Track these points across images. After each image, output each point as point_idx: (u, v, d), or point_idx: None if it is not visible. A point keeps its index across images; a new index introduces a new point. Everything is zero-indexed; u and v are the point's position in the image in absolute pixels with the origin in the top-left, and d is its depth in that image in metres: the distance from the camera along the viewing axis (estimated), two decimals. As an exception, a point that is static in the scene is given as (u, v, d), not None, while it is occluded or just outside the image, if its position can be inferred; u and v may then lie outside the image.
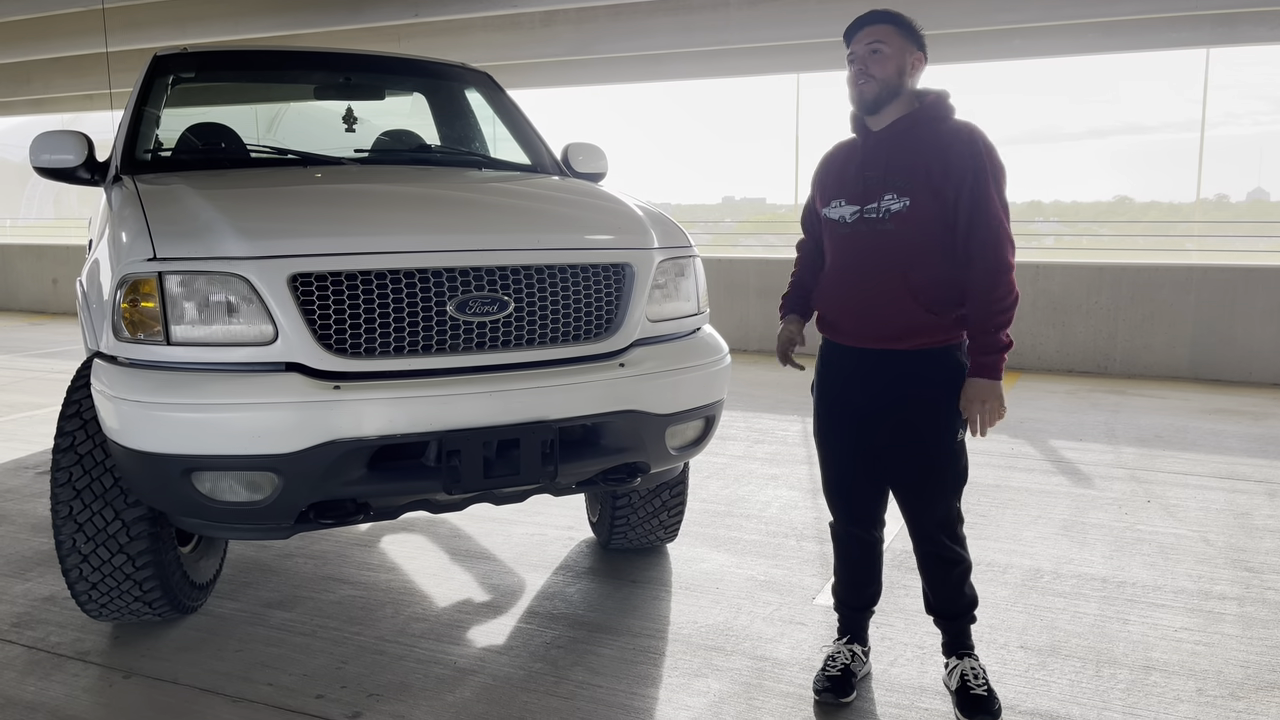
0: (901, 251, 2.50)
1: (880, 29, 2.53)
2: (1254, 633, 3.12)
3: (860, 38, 2.54)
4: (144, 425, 2.55)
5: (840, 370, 2.68)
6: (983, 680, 2.64)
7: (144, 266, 2.59)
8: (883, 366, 2.58)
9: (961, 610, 2.71)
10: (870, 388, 2.60)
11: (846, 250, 2.60)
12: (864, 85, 2.53)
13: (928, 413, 2.57)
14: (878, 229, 2.51)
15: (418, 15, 8.03)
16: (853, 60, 2.56)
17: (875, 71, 2.51)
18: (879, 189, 2.52)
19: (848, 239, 2.59)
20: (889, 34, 2.52)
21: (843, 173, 2.63)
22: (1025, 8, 7.64)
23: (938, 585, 2.70)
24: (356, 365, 2.60)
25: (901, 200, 2.48)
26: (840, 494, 2.78)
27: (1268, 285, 7.67)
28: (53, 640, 3.10)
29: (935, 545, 2.66)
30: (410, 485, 2.68)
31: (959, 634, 2.72)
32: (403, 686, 2.79)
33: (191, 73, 4.08)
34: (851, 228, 2.57)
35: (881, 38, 2.52)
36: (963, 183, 2.44)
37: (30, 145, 3.60)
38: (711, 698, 2.73)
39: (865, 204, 2.54)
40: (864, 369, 2.61)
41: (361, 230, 2.69)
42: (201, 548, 3.29)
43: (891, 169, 2.51)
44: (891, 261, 2.51)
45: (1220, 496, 4.60)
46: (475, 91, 4.49)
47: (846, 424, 2.70)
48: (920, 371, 2.55)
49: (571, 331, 2.87)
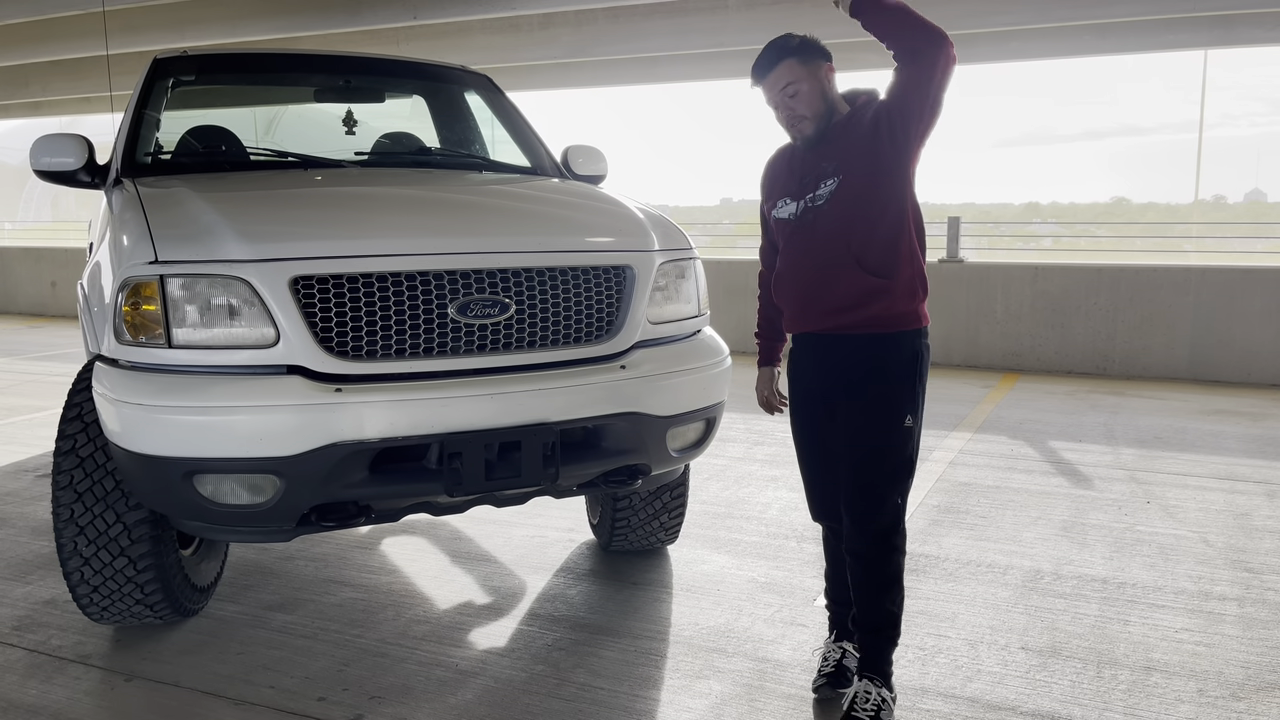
0: (840, 224, 2.52)
1: (784, 68, 2.49)
2: (1254, 633, 3.13)
3: (768, 85, 2.52)
4: (146, 428, 2.55)
5: (802, 361, 2.70)
6: (871, 706, 2.53)
7: (145, 270, 2.59)
8: (837, 352, 2.58)
9: (873, 625, 2.59)
10: (829, 373, 2.61)
11: (795, 240, 2.61)
12: (801, 126, 2.53)
13: (880, 398, 2.54)
14: (819, 213, 2.55)
15: (416, 18, 8.03)
16: (775, 107, 2.55)
17: (804, 111, 2.51)
18: (816, 179, 2.55)
19: (795, 231, 2.60)
20: (794, 69, 2.49)
21: (787, 175, 2.66)
22: (1021, 10, 7.66)
23: (858, 587, 2.61)
24: (358, 368, 2.60)
25: (836, 179, 2.51)
26: (809, 488, 2.79)
27: (1266, 286, 7.69)
28: (54, 643, 3.10)
29: (853, 541, 2.58)
30: (412, 488, 2.68)
31: (873, 650, 2.60)
32: (405, 689, 2.79)
33: (191, 75, 4.09)
34: (798, 219, 2.59)
35: (790, 77, 2.49)
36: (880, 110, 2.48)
37: (30, 148, 3.60)
38: (713, 699, 2.73)
39: (806, 195, 2.57)
40: (822, 355, 2.61)
41: (363, 233, 2.70)
42: (202, 550, 3.29)
43: (826, 159, 2.54)
44: (833, 234, 2.53)
45: (1219, 497, 4.61)
46: (475, 94, 4.50)
47: (809, 415, 2.71)
48: (873, 354, 2.54)
49: (572, 334, 2.87)
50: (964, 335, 8.52)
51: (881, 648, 2.61)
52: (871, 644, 2.61)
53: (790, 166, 2.66)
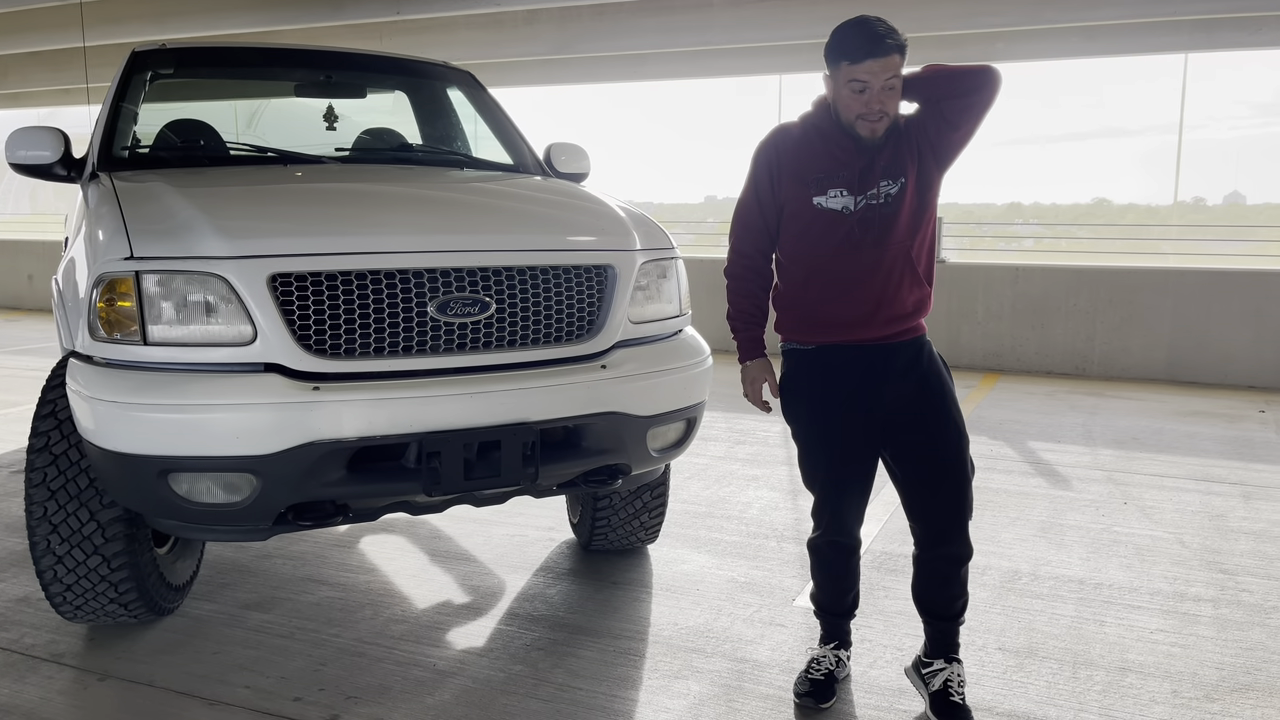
0: (905, 230, 2.54)
1: (895, 61, 2.42)
2: (1229, 634, 3.15)
3: (873, 69, 2.40)
4: (120, 426, 2.52)
5: (838, 374, 2.59)
6: (963, 689, 2.63)
7: (121, 266, 2.56)
8: (887, 361, 2.58)
9: (960, 610, 2.68)
10: (880, 384, 2.57)
11: (853, 238, 2.51)
12: (877, 124, 2.46)
13: (946, 404, 2.59)
14: (882, 213, 2.52)
15: (399, 13, 7.98)
16: (862, 90, 2.43)
17: (891, 109, 2.48)
18: (876, 176, 2.52)
19: (854, 227, 2.50)
20: (899, 66, 2.44)
21: (832, 164, 2.52)
22: (1008, 11, 7.69)
23: (945, 584, 2.64)
24: (336, 366, 2.58)
25: (897, 183, 2.52)
26: (841, 505, 2.69)
27: (1243, 289, 7.76)
28: (27, 642, 3.06)
29: (959, 544, 2.60)
30: (390, 487, 2.67)
31: (950, 635, 2.68)
32: (381, 689, 2.77)
33: (170, 69, 4.05)
34: (856, 214, 2.51)
35: (897, 71, 2.43)
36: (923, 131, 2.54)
37: (5, 142, 3.56)
38: (691, 700, 2.73)
39: (867, 191, 2.52)
40: (868, 366, 2.57)
41: (342, 230, 2.68)
42: (178, 549, 3.26)
43: (880, 158, 2.52)
44: (899, 240, 2.53)
45: (1196, 498, 4.65)
46: (457, 90, 4.48)
47: (855, 429, 2.60)
48: (919, 361, 2.60)
49: (553, 333, 2.86)
50: (945, 336, 8.55)
51: (957, 629, 2.70)
52: (953, 630, 2.69)
53: (833, 154, 2.53)
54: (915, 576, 2.72)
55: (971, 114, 2.50)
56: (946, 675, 2.64)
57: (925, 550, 2.66)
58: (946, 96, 2.50)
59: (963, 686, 2.63)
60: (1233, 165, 16.62)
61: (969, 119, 2.51)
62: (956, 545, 2.61)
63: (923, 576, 2.70)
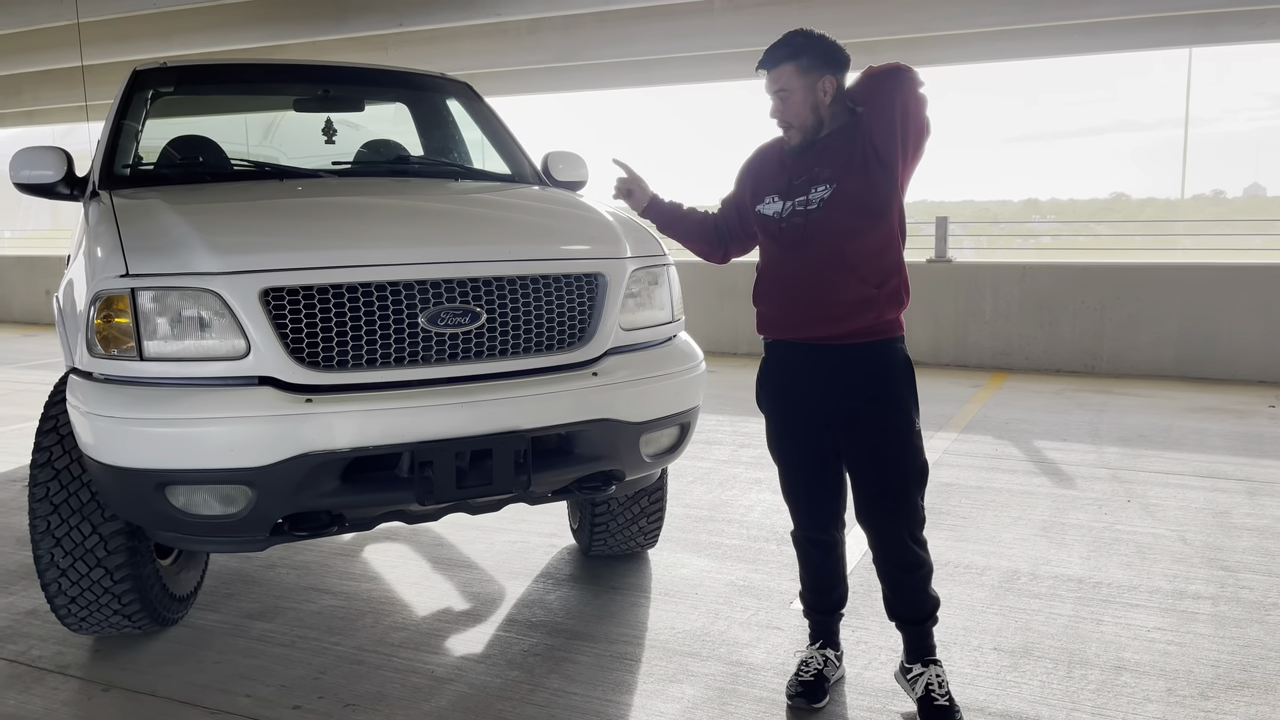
0: (834, 232, 2.54)
1: (780, 72, 2.53)
2: (1226, 632, 3.15)
3: (767, 80, 2.56)
4: (118, 440, 2.57)
5: (792, 370, 2.70)
6: (946, 690, 2.64)
7: (117, 283, 2.61)
8: (835, 360, 2.60)
9: (927, 614, 2.71)
10: (827, 384, 2.63)
11: (784, 241, 2.62)
12: (788, 133, 2.60)
13: (888, 407, 2.60)
14: (810, 218, 2.56)
15: (402, 25, 8.05)
16: (770, 102, 2.59)
17: (789, 119, 2.56)
18: (808, 183, 2.57)
19: (783, 233, 2.61)
20: (789, 75, 2.52)
21: (777, 171, 2.66)
22: (1009, 10, 7.69)
23: (901, 590, 2.70)
24: (329, 378, 2.62)
25: (830, 186, 2.53)
26: (802, 499, 2.80)
27: (1252, 283, 7.71)
28: (34, 654, 3.12)
29: (899, 551, 2.65)
30: (384, 496, 2.71)
31: (922, 638, 2.71)
32: (379, 696, 2.81)
33: (171, 87, 4.11)
34: (786, 221, 2.60)
35: (783, 84, 2.52)
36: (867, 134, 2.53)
37: (10, 162, 3.62)
38: (685, 703, 2.75)
39: (797, 197, 2.58)
40: (817, 365, 2.63)
41: (332, 244, 2.72)
42: (182, 560, 3.31)
43: (820, 164, 2.56)
44: (827, 241, 2.55)
45: (1200, 495, 4.63)
46: (455, 101, 4.52)
47: (804, 424, 2.72)
48: (873, 363, 2.60)
49: (544, 341, 2.89)
50: (953, 335, 8.54)
51: (929, 630, 2.71)
52: (922, 632, 2.70)
53: (781, 162, 2.67)
54: (879, 581, 2.75)
55: (883, 118, 2.49)
56: (926, 679, 2.65)
57: (874, 555, 2.72)
58: (865, 101, 2.54)
59: (944, 687, 2.64)
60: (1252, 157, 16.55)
61: (883, 123, 2.49)
62: (896, 552, 2.65)
63: (881, 581, 2.74)
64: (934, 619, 2.72)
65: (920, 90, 2.48)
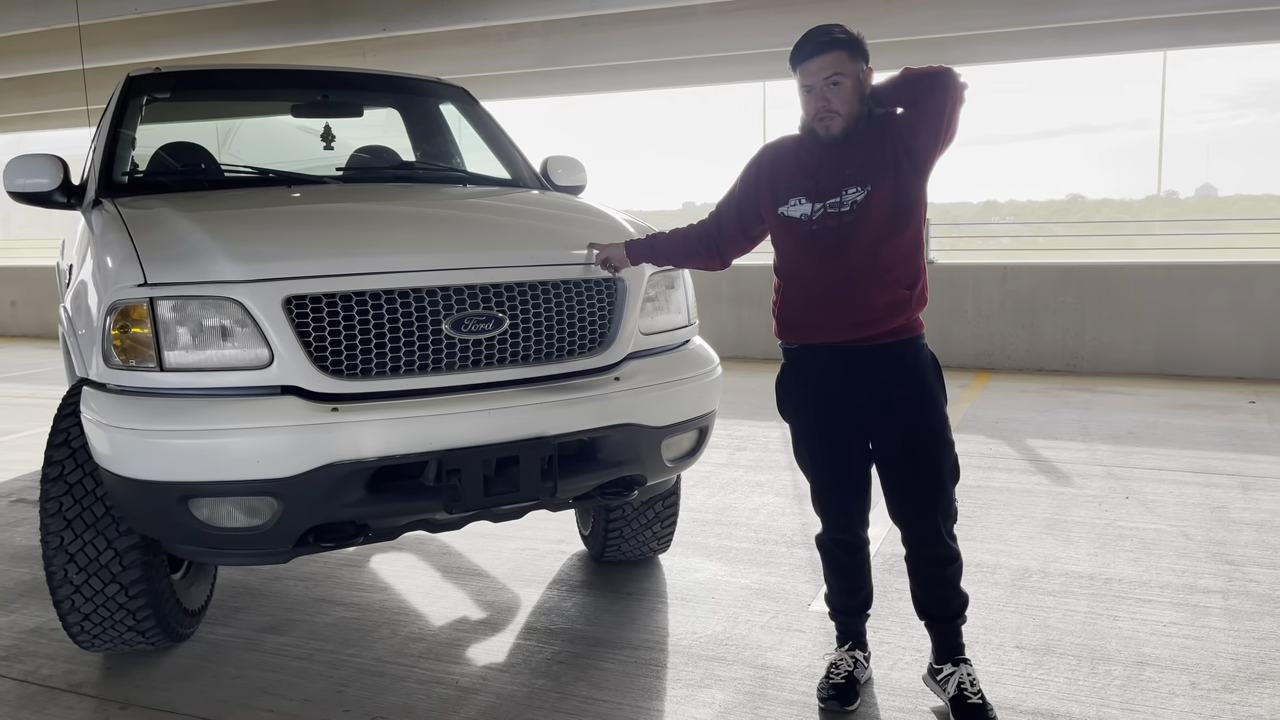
0: (871, 236, 2.53)
1: (834, 58, 2.48)
2: (1240, 625, 3.19)
3: (813, 68, 2.49)
4: (139, 453, 2.51)
5: (818, 373, 2.68)
6: (978, 688, 2.65)
7: (134, 292, 2.56)
8: (865, 363, 2.60)
9: (956, 611, 2.72)
10: (859, 386, 2.62)
11: (815, 245, 2.57)
12: (832, 121, 2.51)
13: (922, 405, 2.61)
14: (844, 221, 2.53)
15: (386, 30, 7.99)
16: (809, 90, 2.52)
17: (839, 107, 2.50)
18: (839, 183, 2.53)
19: (816, 234, 2.56)
20: (843, 62, 2.48)
21: (799, 172, 2.61)
22: (990, 14, 7.77)
23: (934, 586, 2.71)
24: (354, 387, 2.58)
25: (864, 189, 2.51)
26: (834, 502, 2.78)
27: (1228, 282, 7.85)
28: (44, 673, 3.04)
29: (934, 545, 2.65)
30: (410, 505, 2.68)
31: (952, 636, 2.72)
32: (406, 708, 2.77)
33: (166, 92, 4.04)
34: (818, 223, 2.56)
35: (838, 69, 2.48)
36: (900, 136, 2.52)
37: (3, 170, 3.54)
38: (717, 708, 2.74)
39: (827, 199, 2.55)
40: (847, 368, 2.62)
41: (356, 251, 2.68)
42: (192, 574, 3.24)
43: (850, 163, 2.53)
44: (864, 247, 2.53)
45: (1196, 491, 4.69)
46: (451, 106, 4.49)
47: (837, 427, 2.70)
48: (903, 364, 2.60)
49: (566, 347, 2.88)
50: (936, 336, 8.50)
51: (958, 629, 2.72)
52: (951, 630, 2.71)
53: (802, 162, 2.61)
54: (909, 579, 2.76)
55: (928, 119, 2.49)
56: (958, 678, 2.66)
57: (907, 551, 2.73)
58: (906, 103, 2.53)
59: (976, 685, 2.66)
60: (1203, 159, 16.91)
61: (927, 124, 2.50)
62: (930, 547, 2.67)
63: (912, 579, 2.75)
64: (963, 617, 2.73)
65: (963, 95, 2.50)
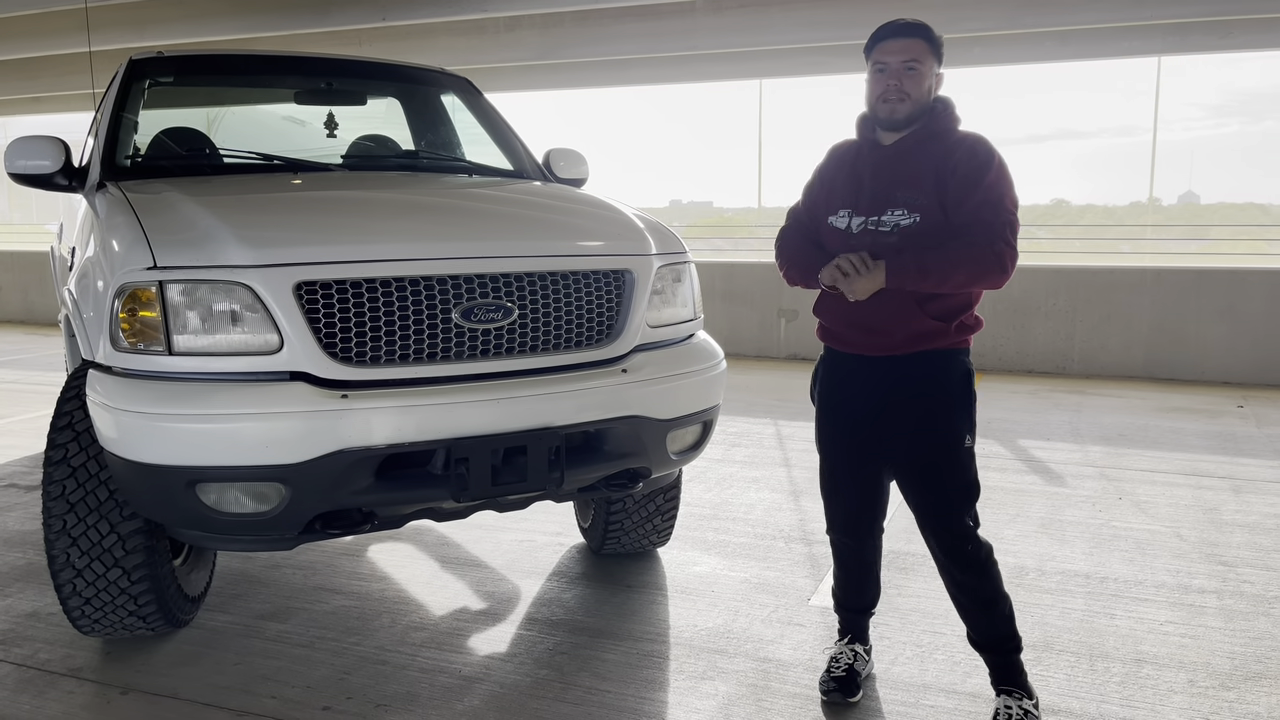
0: None
1: (917, 44, 2.45)
2: (1236, 624, 3.22)
3: (892, 49, 2.46)
4: (147, 436, 2.50)
5: (844, 377, 2.67)
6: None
7: (143, 275, 2.54)
8: (888, 371, 2.57)
9: (998, 641, 2.60)
10: (875, 393, 2.60)
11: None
12: (898, 105, 2.46)
13: (936, 419, 2.54)
14: (882, 241, 2.48)
15: (385, 19, 7.95)
16: (882, 70, 2.47)
17: (910, 90, 2.45)
18: (885, 202, 2.49)
19: (852, 250, 2.50)
20: (923, 51, 2.46)
21: (848, 182, 2.58)
22: (986, 16, 7.80)
23: (967, 614, 2.63)
24: (363, 374, 2.58)
25: (911, 216, 2.45)
26: (835, 498, 2.79)
27: (1218, 287, 7.91)
28: (42, 657, 3.02)
29: (955, 572, 2.59)
30: (418, 493, 2.67)
31: (995, 668, 2.62)
32: (410, 696, 2.77)
33: (169, 77, 4.02)
34: (856, 238, 2.52)
35: (918, 55, 2.45)
36: (973, 188, 2.42)
37: (5, 151, 3.52)
38: (720, 700, 2.75)
39: (870, 215, 2.51)
40: (868, 375, 2.60)
41: (367, 238, 2.68)
42: (192, 560, 3.23)
43: (900, 182, 2.48)
44: None
45: (1188, 492, 4.74)
46: (454, 96, 4.48)
47: (848, 431, 2.69)
48: (926, 375, 2.54)
49: (575, 338, 2.88)
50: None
51: (1008, 659, 2.60)
52: (997, 660, 2.61)
53: (854, 172, 2.57)
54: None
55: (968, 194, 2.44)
56: (995, 709, 2.57)
57: (939, 573, 2.67)
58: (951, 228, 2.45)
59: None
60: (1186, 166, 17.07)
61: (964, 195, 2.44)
62: (957, 573, 2.58)
63: (951, 598, 2.68)
64: (1006, 647, 2.60)
65: None
